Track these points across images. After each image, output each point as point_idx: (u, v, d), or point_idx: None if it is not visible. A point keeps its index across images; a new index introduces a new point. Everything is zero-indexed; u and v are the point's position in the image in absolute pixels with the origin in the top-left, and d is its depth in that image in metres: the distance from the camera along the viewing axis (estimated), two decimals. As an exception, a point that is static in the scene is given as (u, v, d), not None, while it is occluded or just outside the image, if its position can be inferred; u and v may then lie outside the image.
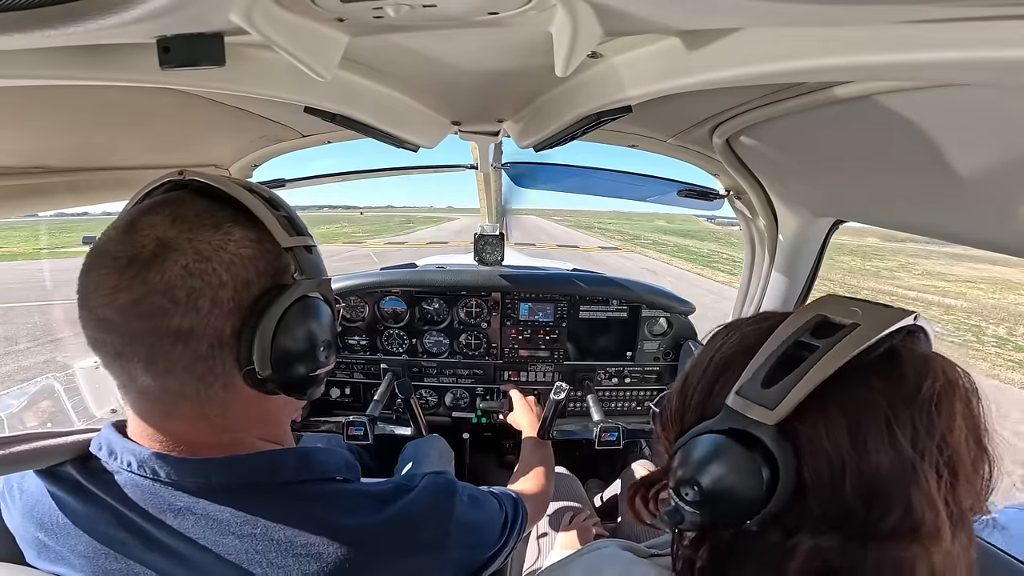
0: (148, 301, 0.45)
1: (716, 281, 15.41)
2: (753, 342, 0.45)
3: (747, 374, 0.42)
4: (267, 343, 0.49)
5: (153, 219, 0.47)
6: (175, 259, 0.45)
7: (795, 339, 0.42)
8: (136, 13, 0.37)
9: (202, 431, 0.52)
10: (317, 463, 0.56)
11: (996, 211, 0.65)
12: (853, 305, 0.43)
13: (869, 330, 0.39)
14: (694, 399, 0.47)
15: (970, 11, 0.35)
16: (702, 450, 0.42)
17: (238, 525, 0.50)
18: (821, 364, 0.38)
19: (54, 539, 0.53)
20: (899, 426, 0.37)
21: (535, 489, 1.01)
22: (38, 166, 0.86)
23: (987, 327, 11.34)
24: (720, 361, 0.47)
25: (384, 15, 0.45)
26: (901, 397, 0.38)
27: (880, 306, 0.43)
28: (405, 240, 29.82)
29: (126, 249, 0.46)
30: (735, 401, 0.41)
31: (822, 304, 0.45)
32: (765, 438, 0.38)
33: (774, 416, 0.38)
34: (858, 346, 0.38)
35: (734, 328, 0.50)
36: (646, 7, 0.43)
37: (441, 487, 0.62)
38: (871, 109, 0.62)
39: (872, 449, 0.37)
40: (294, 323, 0.51)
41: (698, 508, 0.41)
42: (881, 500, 0.37)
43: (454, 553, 0.60)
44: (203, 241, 0.47)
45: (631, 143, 1.23)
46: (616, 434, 1.50)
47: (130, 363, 0.47)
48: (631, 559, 0.53)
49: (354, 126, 0.84)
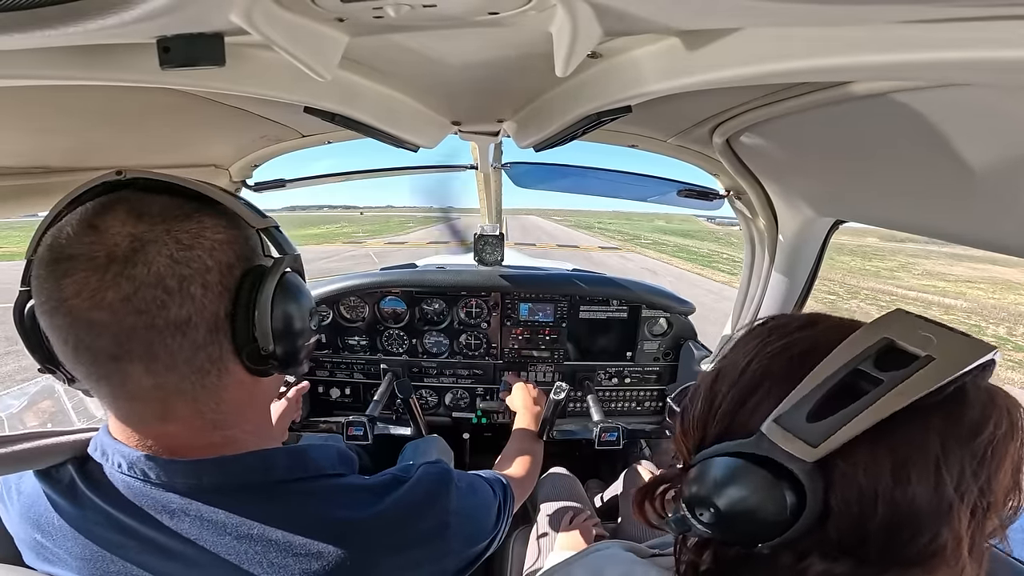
0: (140, 295, 0.44)
1: (716, 281, 15.41)
2: (796, 353, 0.41)
3: (790, 400, 0.37)
4: (266, 318, 0.50)
5: (115, 217, 0.45)
6: (157, 250, 0.45)
7: (855, 367, 0.37)
8: (136, 13, 0.37)
9: (195, 430, 0.51)
10: (310, 460, 0.56)
11: (996, 211, 0.65)
12: (925, 329, 0.37)
13: (945, 366, 0.34)
14: (722, 408, 0.43)
15: (970, 11, 0.35)
16: (724, 473, 0.39)
17: (234, 526, 0.49)
18: (884, 402, 0.34)
19: (51, 540, 0.52)
20: (947, 468, 0.34)
21: (520, 473, 1.02)
22: (38, 166, 0.86)
23: (987, 327, 11.35)
24: (758, 372, 0.43)
25: (384, 15, 0.45)
26: (957, 438, 0.35)
27: (956, 333, 0.37)
28: (405, 240, 29.82)
29: (99, 249, 0.44)
30: (772, 430, 0.37)
31: (889, 323, 0.39)
32: (797, 471, 0.35)
33: (814, 454, 0.35)
34: (930, 386, 0.34)
35: (777, 330, 0.45)
36: (646, 7, 0.43)
37: (437, 476, 0.62)
38: (871, 109, 0.62)
39: (912, 487, 0.34)
40: (287, 297, 0.53)
41: (711, 528, 0.40)
42: (907, 532, 0.34)
43: (454, 542, 0.60)
44: (180, 230, 0.47)
45: (631, 143, 1.23)
46: (616, 434, 1.51)
47: (128, 364, 0.45)
48: (632, 559, 0.52)
49: (354, 126, 0.84)
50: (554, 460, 1.70)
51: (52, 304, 0.44)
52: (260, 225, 0.54)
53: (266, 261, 0.53)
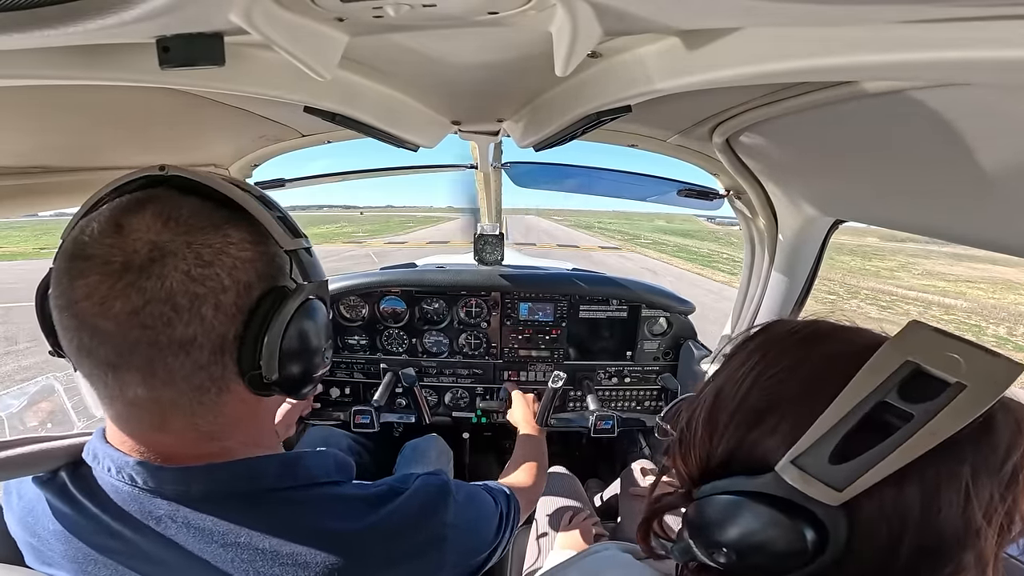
0: (148, 310, 0.43)
1: (716, 281, 15.41)
2: (805, 377, 0.38)
3: (809, 439, 0.34)
4: (275, 347, 0.48)
5: (142, 219, 0.44)
6: (175, 264, 0.43)
7: (879, 399, 0.33)
8: (136, 13, 0.37)
9: (189, 441, 0.50)
10: (302, 468, 0.55)
11: (996, 211, 0.65)
12: (952, 349, 0.33)
13: (979, 394, 0.31)
14: (725, 436, 0.40)
15: (970, 11, 0.35)
16: (737, 513, 0.36)
17: (221, 534, 0.49)
18: (916, 440, 0.31)
19: (46, 544, 0.52)
20: (977, 495, 0.32)
21: (527, 482, 1.01)
22: (38, 166, 0.86)
23: (987, 327, 11.36)
24: (759, 398, 0.39)
25: (384, 15, 0.45)
26: (987, 467, 0.33)
27: (984, 352, 0.34)
28: (405, 240, 29.83)
29: (117, 253, 0.43)
30: (790, 471, 0.34)
31: (911, 341, 0.35)
32: (820, 514, 0.33)
33: (839, 498, 0.32)
34: (965, 418, 0.31)
35: (776, 345, 0.41)
36: (646, 7, 0.43)
37: (435, 488, 0.60)
38: (871, 109, 0.62)
39: (942, 519, 0.32)
40: (301, 327, 0.51)
41: (722, 566, 0.38)
42: (930, 562, 0.33)
43: (451, 555, 0.59)
44: (203, 244, 0.45)
45: (631, 143, 1.23)
46: (611, 422, 1.54)
47: (125, 373, 0.45)
48: (630, 561, 0.52)
49: (354, 126, 0.84)
50: (554, 459, 1.70)
51: (63, 302, 0.44)
52: (290, 247, 0.51)
53: (289, 284, 0.51)
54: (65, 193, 0.91)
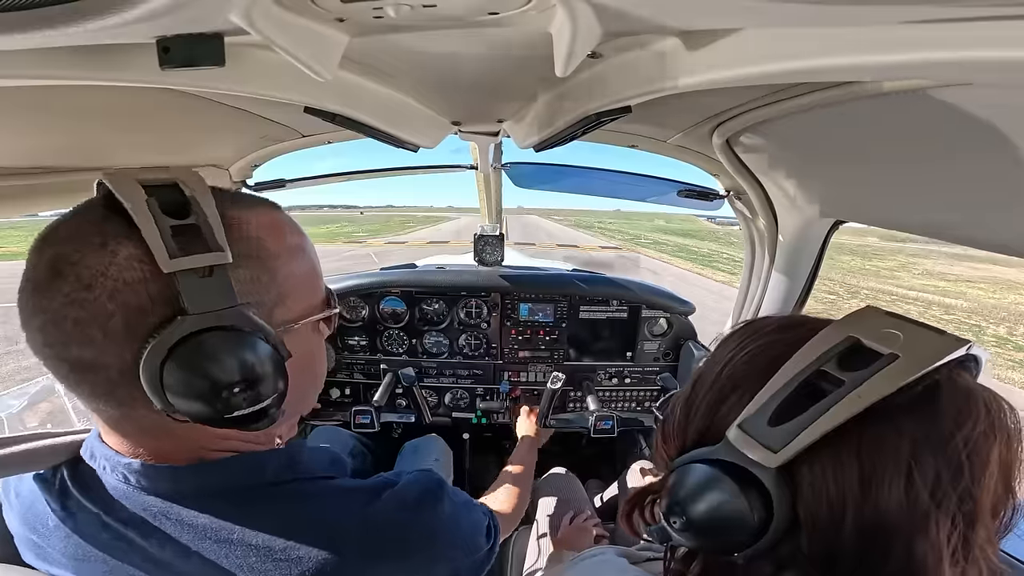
0: (48, 330, 0.41)
1: (716, 281, 15.41)
2: (771, 357, 0.40)
3: (754, 405, 0.37)
4: (155, 383, 0.41)
5: (55, 233, 0.43)
6: (59, 287, 0.40)
7: (817, 367, 0.36)
8: (136, 13, 0.37)
9: (172, 443, 0.50)
10: (299, 462, 0.55)
11: (996, 211, 0.65)
12: (894, 326, 0.36)
13: (909, 364, 0.33)
14: (698, 414, 0.43)
15: (970, 11, 0.35)
16: (693, 479, 0.38)
17: (214, 531, 0.49)
18: (843, 404, 0.33)
19: (45, 541, 0.53)
20: (920, 475, 0.32)
21: (506, 509, 1.02)
22: (38, 166, 0.86)
23: (987, 327, 11.35)
24: (730, 376, 0.42)
25: (384, 15, 0.45)
26: (930, 442, 0.33)
27: (927, 329, 0.35)
28: (405, 240, 29.85)
29: (30, 270, 0.42)
30: (736, 436, 0.36)
31: (858, 321, 0.38)
32: (763, 478, 0.35)
33: (776, 460, 0.34)
34: (893, 385, 0.32)
35: (752, 334, 0.44)
36: (646, 7, 0.43)
37: (428, 484, 0.61)
38: (871, 109, 0.62)
39: (882, 496, 0.32)
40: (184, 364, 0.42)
41: (684, 536, 0.39)
42: (879, 546, 0.33)
43: (446, 551, 0.59)
44: (84, 266, 0.40)
45: (631, 143, 1.23)
46: (611, 422, 1.56)
47: (70, 387, 0.44)
48: (625, 566, 0.52)
49: (354, 126, 0.84)
50: (554, 460, 1.70)
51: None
52: (168, 268, 0.41)
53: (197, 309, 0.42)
54: (65, 193, 0.91)
